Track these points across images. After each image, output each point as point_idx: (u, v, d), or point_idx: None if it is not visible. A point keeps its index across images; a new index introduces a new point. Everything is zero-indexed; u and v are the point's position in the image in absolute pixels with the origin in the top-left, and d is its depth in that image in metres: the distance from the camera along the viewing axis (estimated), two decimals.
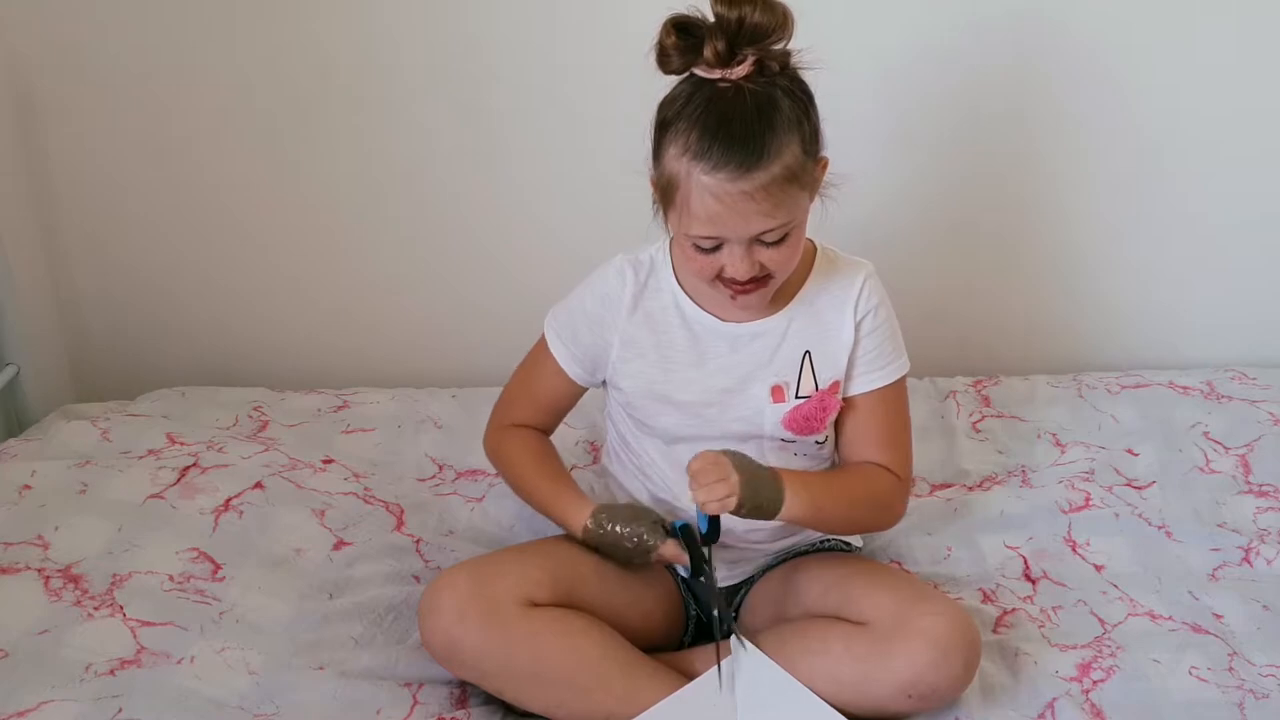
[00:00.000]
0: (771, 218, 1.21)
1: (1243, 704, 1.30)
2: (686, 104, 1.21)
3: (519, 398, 1.50)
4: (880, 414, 1.39)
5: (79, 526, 1.50)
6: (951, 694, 1.26)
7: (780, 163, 1.19)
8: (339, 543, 1.56)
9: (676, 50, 1.21)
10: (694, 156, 1.19)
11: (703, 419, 1.37)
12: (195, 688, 1.28)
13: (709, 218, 1.21)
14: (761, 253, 1.24)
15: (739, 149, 1.18)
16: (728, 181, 1.18)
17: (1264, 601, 1.47)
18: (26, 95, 1.93)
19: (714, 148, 1.18)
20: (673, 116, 1.22)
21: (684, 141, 1.20)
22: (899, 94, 1.91)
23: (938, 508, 1.67)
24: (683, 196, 1.21)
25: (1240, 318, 2.07)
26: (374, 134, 1.96)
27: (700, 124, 1.19)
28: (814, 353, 1.35)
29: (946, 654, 1.23)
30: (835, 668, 1.25)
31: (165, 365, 2.10)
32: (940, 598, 1.32)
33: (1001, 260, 2.04)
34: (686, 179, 1.20)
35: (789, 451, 1.39)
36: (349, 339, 2.12)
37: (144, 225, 2.03)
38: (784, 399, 1.35)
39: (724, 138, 1.18)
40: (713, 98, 1.20)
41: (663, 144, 1.23)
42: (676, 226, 1.26)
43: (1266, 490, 1.69)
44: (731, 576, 1.47)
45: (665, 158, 1.23)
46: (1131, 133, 1.94)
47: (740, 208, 1.20)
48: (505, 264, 2.05)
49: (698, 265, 1.27)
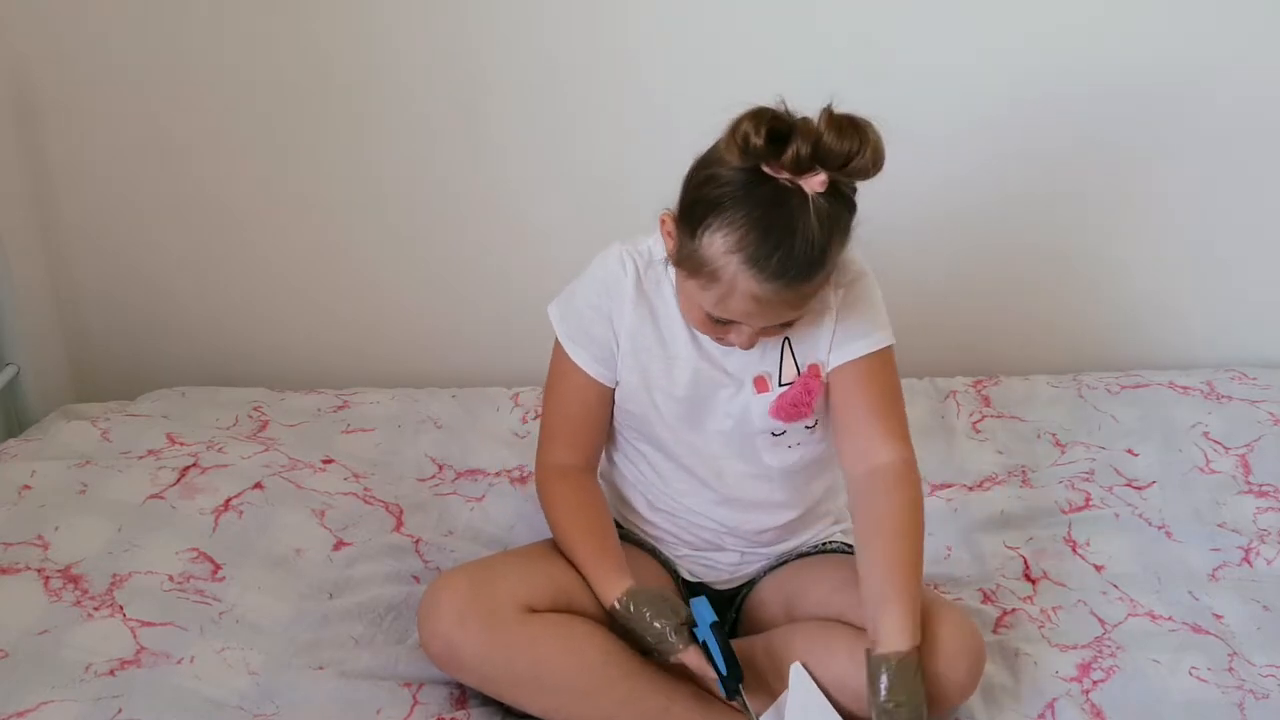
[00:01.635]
0: (798, 311, 1.23)
1: (1242, 704, 1.30)
2: (745, 194, 1.15)
3: (557, 427, 1.41)
4: (867, 384, 1.34)
5: (79, 526, 1.50)
6: (956, 701, 1.26)
7: (826, 271, 1.19)
8: (339, 543, 1.56)
9: (757, 150, 1.14)
10: (747, 260, 1.15)
11: (693, 414, 1.36)
12: (195, 688, 1.28)
13: (741, 312, 1.20)
14: (774, 331, 1.26)
15: (800, 266, 1.15)
16: (775, 291, 1.17)
17: (1264, 601, 1.47)
18: (27, 96, 1.93)
19: (773, 259, 1.14)
20: (726, 201, 1.16)
21: (737, 239, 1.15)
22: (899, 91, 1.91)
23: (938, 508, 1.67)
24: (720, 285, 1.18)
25: (1240, 318, 2.07)
26: (374, 135, 1.96)
27: (761, 228, 1.14)
28: (793, 339, 1.34)
29: (952, 661, 1.23)
30: (841, 675, 1.25)
31: (165, 365, 2.10)
32: (944, 604, 1.31)
33: (1002, 261, 2.04)
34: (730, 274, 1.16)
35: (781, 445, 1.37)
36: (349, 339, 2.12)
37: (144, 225, 2.03)
38: (768, 389, 1.35)
39: (786, 250, 1.14)
40: (777, 201, 1.14)
41: (706, 224, 1.17)
42: (695, 294, 1.22)
43: (1266, 490, 1.69)
44: (734, 579, 1.47)
45: (708, 243, 1.17)
46: (1132, 133, 1.94)
47: (777, 309, 1.20)
48: (505, 264, 2.05)
49: (699, 324, 1.28)
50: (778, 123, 1.14)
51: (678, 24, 1.85)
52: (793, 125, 1.14)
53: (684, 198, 1.22)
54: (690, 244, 1.19)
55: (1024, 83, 1.91)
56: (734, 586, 1.47)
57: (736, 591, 1.47)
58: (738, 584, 1.47)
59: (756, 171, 1.15)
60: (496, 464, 1.78)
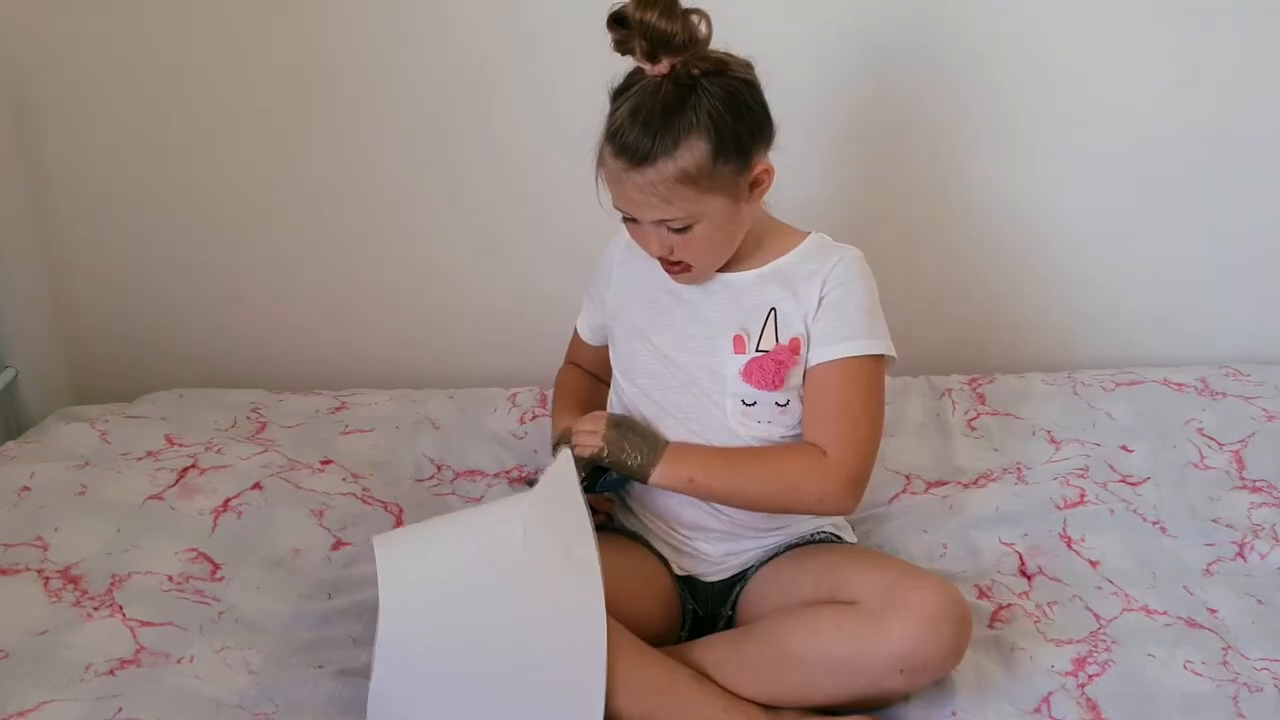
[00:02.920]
0: (665, 210, 1.29)
1: (1237, 697, 1.30)
2: (626, 86, 1.29)
3: (572, 348, 1.64)
4: (833, 387, 1.36)
5: (78, 527, 1.50)
6: (943, 668, 1.27)
7: (674, 164, 1.26)
8: (338, 543, 1.57)
9: (617, 43, 1.27)
10: (607, 136, 1.29)
11: (675, 364, 1.41)
12: (195, 687, 1.28)
13: (614, 195, 1.32)
14: (671, 237, 1.32)
15: (634, 143, 1.26)
16: (622, 170, 1.28)
17: (1258, 596, 1.47)
18: (24, 97, 1.93)
19: (618, 135, 1.27)
20: (616, 93, 1.30)
21: (609, 119, 1.29)
22: (893, 89, 1.92)
23: (933, 505, 1.68)
24: (603, 172, 1.32)
25: (1234, 314, 2.07)
26: (372, 137, 1.97)
27: (619, 108, 1.28)
28: (779, 310, 1.38)
29: (937, 626, 1.24)
30: (828, 647, 1.26)
31: (163, 367, 2.10)
32: (929, 574, 1.33)
33: (996, 258, 2.05)
34: (602, 154, 1.31)
35: (751, 417, 1.39)
36: (347, 340, 2.12)
37: (142, 227, 2.03)
38: (744, 350, 1.38)
39: (627, 128, 1.26)
40: (638, 88, 1.27)
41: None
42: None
43: (1260, 486, 1.69)
44: (725, 569, 1.48)
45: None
46: (1127, 130, 1.95)
47: (634, 196, 1.29)
48: (504, 265, 2.05)
49: (630, 234, 1.38)
50: (617, 14, 1.25)
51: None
52: (624, 17, 1.24)
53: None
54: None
55: (1019, 81, 1.92)
56: (725, 579, 1.48)
57: (730, 588, 1.48)
58: (727, 576, 1.48)
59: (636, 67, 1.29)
60: (495, 464, 1.78)
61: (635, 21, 1.23)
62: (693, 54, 1.25)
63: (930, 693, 1.32)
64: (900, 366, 1.99)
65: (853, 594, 1.29)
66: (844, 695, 1.29)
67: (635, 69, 1.29)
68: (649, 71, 1.26)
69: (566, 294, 1.67)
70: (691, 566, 1.48)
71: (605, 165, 1.31)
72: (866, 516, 1.65)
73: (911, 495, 1.71)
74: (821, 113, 1.91)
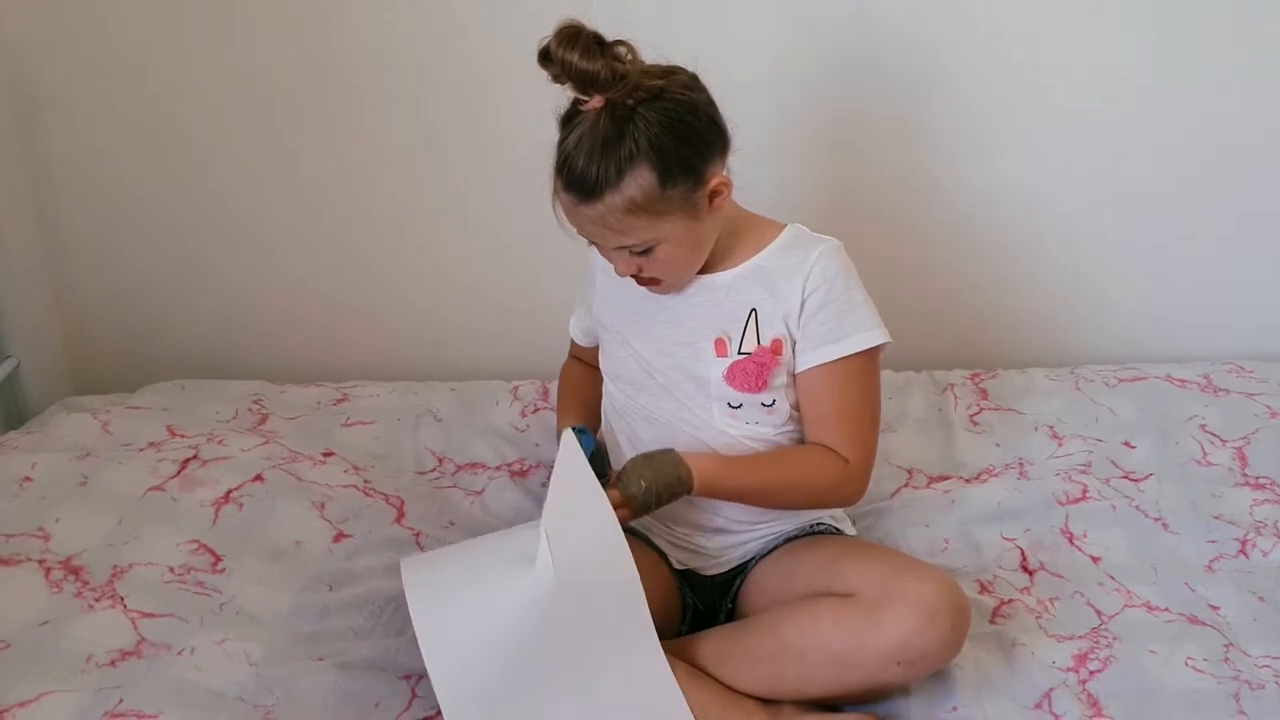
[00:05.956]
0: (621, 239, 1.29)
1: (1238, 694, 1.30)
2: (571, 115, 1.28)
3: (574, 342, 1.64)
4: (832, 389, 1.37)
5: (79, 518, 1.50)
6: (941, 659, 1.27)
7: (621, 195, 1.25)
8: (339, 535, 1.57)
9: (552, 77, 1.25)
10: (556, 169, 1.28)
11: (656, 370, 1.41)
12: (195, 679, 1.29)
13: (579, 229, 1.31)
14: (636, 259, 1.32)
15: (577, 181, 1.26)
16: (573, 204, 1.28)
17: (1260, 593, 1.47)
18: (26, 89, 1.93)
19: (562, 173, 1.27)
20: (563, 120, 1.29)
21: (557, 150, 1.28)
22: (892, 87, 1.92)
23: (935, 500, 1.67)
24: (558, 202, 1.31)
25: (1237, 311, 2.07)
26: (373, 127, 1.96)
27: (565, 139, 1.27)
28: (760, 311, 1.37)
29: (934, 617, 1.23)
30: (826, 639, 1.26)
31: (165, 358, 2.10)
32: (926, 566, 1.33)
33: (999, 254, 2.04)
34: (555, 185, 1.29)
35: (739, 419, 1.39)
36: (349, 332, 2.12)
37: (144, 219, 2.03)
38: (726, 353, 1.38)
39: (569, 168, 1.26)
40: (580, 119, 1.26)
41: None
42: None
43: (1263, 483, 1.69)
44: (723, 562, 1.48)
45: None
46: (1129, 128, 1.95)
47: (589, 228, 1.30)
48: (505, 258, 2.05)
49: (599, 254, 1.37)
50: (544, 50, 1.24)
51: (680, 23, 1.85)
52: (548, 54, 1.23)
53: None
54: None
55: (1021, 79, 1.92)
56: (724, 573, 1.48)
57: (730, 582, 1.48)
58: (726, 570, 1.48)
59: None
60: (496, 457, 1.78)
61: (558, 60, 1.22)
62: (622, 88, 1.23)
63: (931, 688, 1.32)
64: (903, 361, 1.99)
65: (850, 586, 1.29)
66: (843, 687, 1.29)
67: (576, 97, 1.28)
68: (584, 106, 1.26)
69: (568, 287, 1.67)
70: (690, 561, 1.48)
71: (559, 196, 1.30)
72: (868, 511, 1.65)
73: (913, 490, 1.71)
74: (813, 112, 1.91)
